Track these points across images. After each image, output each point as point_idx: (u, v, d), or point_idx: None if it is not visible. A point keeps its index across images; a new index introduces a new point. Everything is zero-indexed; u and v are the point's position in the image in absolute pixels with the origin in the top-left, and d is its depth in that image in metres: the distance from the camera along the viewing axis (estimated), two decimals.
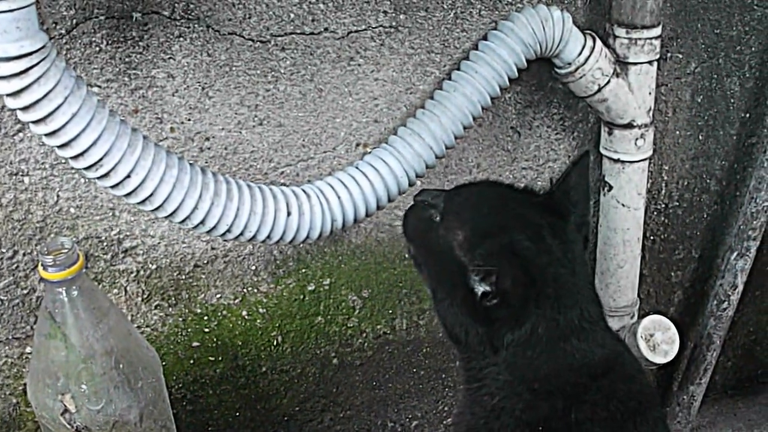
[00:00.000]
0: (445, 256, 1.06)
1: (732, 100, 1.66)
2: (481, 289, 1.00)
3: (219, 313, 1.47)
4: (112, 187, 1.05)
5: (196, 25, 1.25)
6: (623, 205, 1.55)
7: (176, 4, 1.23)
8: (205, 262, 1.42)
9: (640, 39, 1.40)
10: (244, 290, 1.47)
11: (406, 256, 1.19)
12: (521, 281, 0.96)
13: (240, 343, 1.51)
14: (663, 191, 1.70)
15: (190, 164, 1.13)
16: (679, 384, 1.89)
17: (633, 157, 1.50)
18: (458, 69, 1.36)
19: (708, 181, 1.73)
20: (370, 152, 1.39)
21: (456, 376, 1.73)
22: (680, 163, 1.68)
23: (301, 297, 1.52)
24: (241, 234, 1.17)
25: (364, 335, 1.60)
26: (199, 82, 1.28)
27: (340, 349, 1.60)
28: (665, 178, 1.69)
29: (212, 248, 1.41)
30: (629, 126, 1.47)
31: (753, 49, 1.62)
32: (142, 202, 1.08)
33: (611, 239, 1.59)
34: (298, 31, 1.31)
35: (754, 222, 1.67)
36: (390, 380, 1.67)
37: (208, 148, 1.33)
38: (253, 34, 1.29)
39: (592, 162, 1.60)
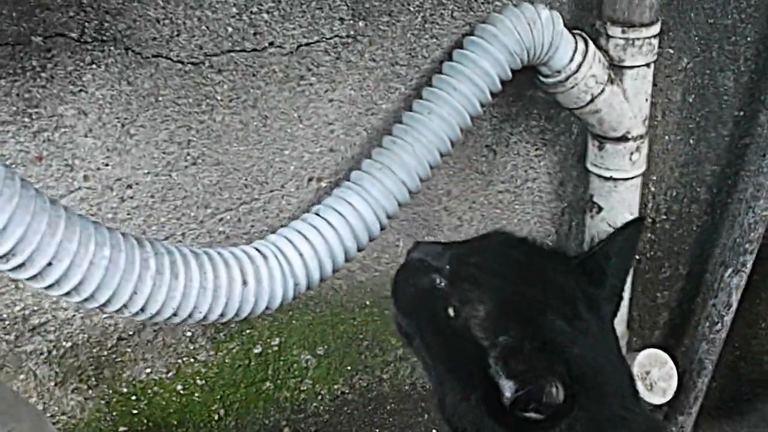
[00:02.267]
0: (457, 336, 0.94)
1: (725, 98, 1.59)
2: (509, 390, 0.88)
3: (149, 391, 1.32)
4: (30, 279, 0.89)
5: (112, 48, 1.09)
6: (614, 228, 1.46)
7: (86, 24, 1.06)
8: (131, 333, 1.26)
9: (638, 39, 1.31)
10: (179, 361, 1.32)
11: (395, 331, 1.05)
12: (563, 389, 0.85)
13: (175, 423, 1.36)
14: (650, 205, 1.63)
15: (123, 236, 0.97)
16: (666, 414, 1.84)
17: (627, 174, 1.42)
18: (432, 86, 1.24)
19: (698, 189, 1.67)
20: (325, 187, 1.26)
21: None
22: (669, 171, 1.61)
23: (246, 362, 1.38)
24: (190, 316, 1.02)
25: (320, 398, 1.48)
26: (117, 118, 1.13)
27: (292, 416, 1.47)
28: (653, 189, 1.61)
29: None
30: (623, 139, 1.38)
31: (748, 39, 1.55)
32: (68, 293, 0.92)
33: None
34: (238, 48, 1.16)
35: (752, 234, 1.62)
36: None
37: (131, 197, 1.18)
38: (183, 56, 1.13)
39: (575, 178, 1.52)
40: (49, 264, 0.88)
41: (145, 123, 1.14)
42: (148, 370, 1.31)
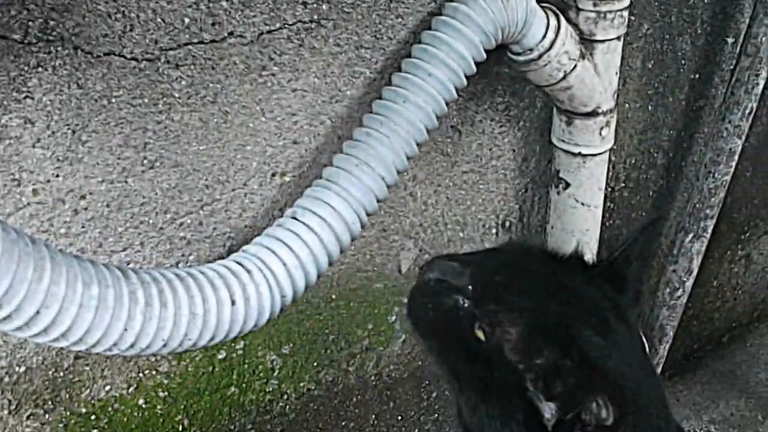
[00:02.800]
0: (489, 360, 0.90)
1: (683, 62, 1.58)
2: (549, 412, 0.86)
3: (109, 409, 1.25)
4: (15, 330, 0.81)
5: (59, 49, 1.00)
6: (583, 204, 1.44)
7: (30, 23, 0.97)
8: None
9: (610, 12, 1.27)
10: (140, 375, 1.25)
11: (421, 350, 1.01)
12: (608, 407, 0.82)
13: None
14: (610, 174, 1.61)
15: (107, 268, 0.90)
16: None
17: (596, 149, 1.39)
18: (403, 71, 1.18)
19: (655, 155, 1.66)
20: (289, 182, 1.20)
21: (391, 420, 1.59)
22: (629, 139, 1.60)
23: (210, 369, 1.32)
24: (180, 345, 0.95)
25: (285, 397, 1.43)
26: (68, 125, 1.04)
27: (257, 418, 1.42)
28: (613, 158, 1.60)
29: None
30: (593, 114, 1.36)
31: (705, 0, 1.54)
32: (55, 339, 0.84)
33: (567, 243, 1.48)
34: (196, 41, 1.08)
35: (712, 199, 1.62)
36: None
37: (85, 209, 1.09)
38: (137, 52, 1.05)
39: (538, 153, 1.49)
40: (37, 313, 0.80)
41: (97, 128, 1.06)
42: (108, 387, 1.23)
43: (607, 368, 0.86)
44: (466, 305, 0.94)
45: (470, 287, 0.94)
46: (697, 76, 1.62)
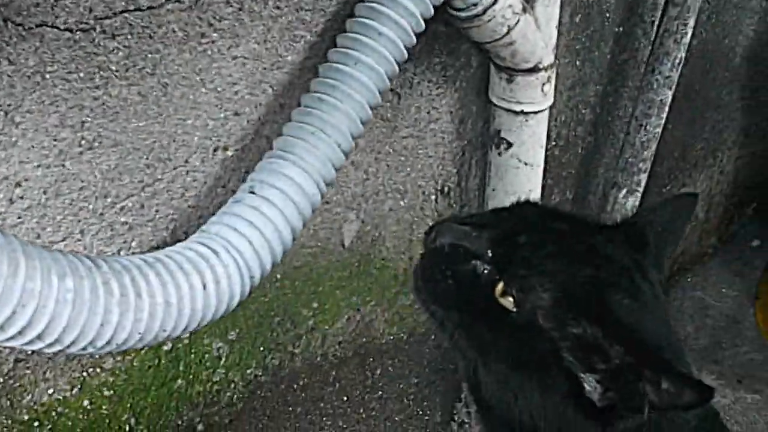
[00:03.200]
0: (521, 330, 0.87)
1: (608, 15, 1.59)
2: (591, 385, 0.84)
3: (53, 413, 1.18)
4: None
5: None
6: (526, 163, 1.43)
7: None
8: (30, 351, 1.11)
9: None
10: (84, 374, 1.18)
11: (432, 324, 0.96)
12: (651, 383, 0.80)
13: None
14: None
15: (75, 257, 0.83)
16: None
17: (538, 107, 1.38)
18: (350, 31, 1.13)
19: (583, 111, 1.67)
20: (232, 156, 1.14)
21: (337, 401, 1.56)
22: (558, 96, 1.59)
23: (156, 362, 1.25)
24: (155, 338, 0.89)
25: (232, 386, 1.38)
26: (0, 106, 0.96)
27: (205, 410, 1.36)
28: None
29: None
30: (534, 70, 1.34)
31: None
32: (30, 342, 0.77)
33: None
34: (132, 7, 1.01)
35: (645, 152, 1.64)
36: (264, 429, 1.47)
37: (21, 198, 1.02)
38: (71, 22, 0.97)
39: (475, 114, 1.47)
40: (13, 313, 0.73)
41: (31, 107, 0.98)
42: (51, 391, 1.16)
43: (639, 333, 0.84)
44: (486, 272, 0.89)
45: (489, 251, 0.90)
46: (621, 29, 1.63)
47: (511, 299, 0.87)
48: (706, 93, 1.94)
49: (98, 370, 1.19)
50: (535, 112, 1.38)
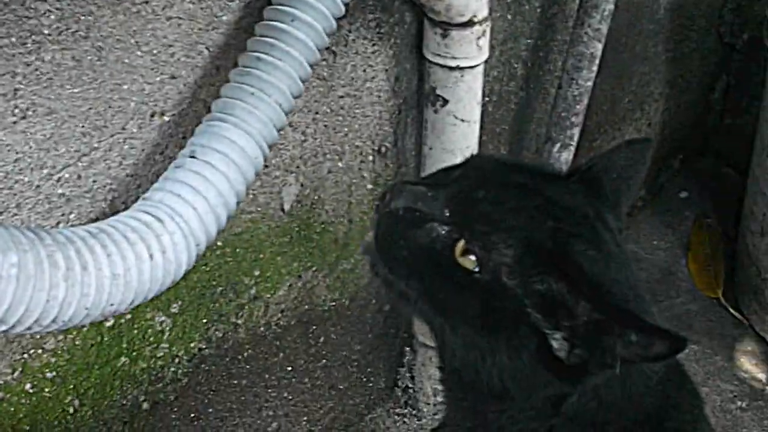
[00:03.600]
0: (484, 290, 0.86)
1: None
2: (560, 344, 0.84)
3: None
4: None
5: None
6: (462, 120, 1.45)
7: None
8: None
9: None
10: (24, 356, 1.16)
11: (386, 292, 0.95)
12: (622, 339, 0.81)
13: (28, 428, 1.20)
14: None
15: (17, 229, 0.81)
16: None
17: (474, 62, 1.40)
18: None
19: (515, 66, 1.69)
20: (168, 122, 1.13)
21: (281, 372, 1.56)
22: (490, 50, 1.60)
23: (99, 339, 1.24)
24: (102, 313, 0.88)
25: (177, 361, 1.37)
26: None
27: (149, 388, 1.35)
28: None
29: None
30: (469, 24, 1.36)
31: None
32: None
33: (448, 163, 1.49)
34: None
35: (577, 107, 1.67)
36: (210, 404, 1.46)
37: None
38: None
39: (409, 71, 1.47)
40: None
41: None
42: None
43: (605, 285, 0.85)
44: (443, 233, 0.88)
45: (446, 211, 0.89)
46: None
47: (473, 258, 0.86)
48: (633, 45, 1.98)
49: (39, 351, 1.17)
50: (471, 67, 1.39)
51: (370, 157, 1.50)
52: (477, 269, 0.86)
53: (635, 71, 2.04)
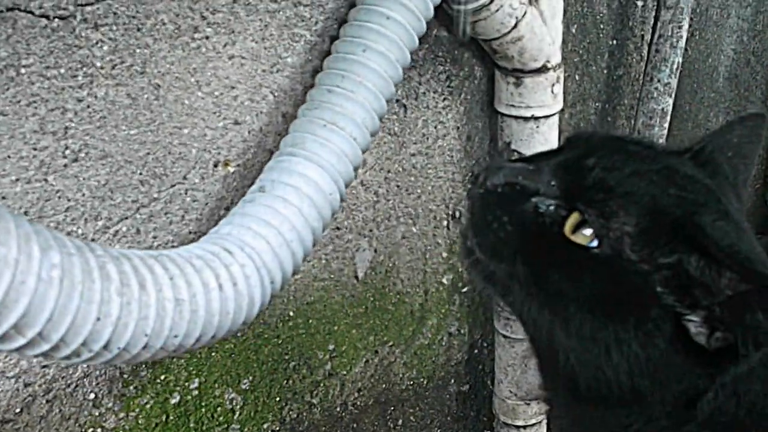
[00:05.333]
0: (603, 266, 0.68)
1: (601, 26, 1.44)
2: (697, 328, 0.64)
3: None
4: None
5: None
6: None
7: None
8: (18, 410, 0.89)
9: None
10: None
11: (478, 280, 0.75)
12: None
13: None
14: None
15: (62, 236, 0.63)
16: None
17: (549, 111, 1.22)
18: (355, 19, 0.97)
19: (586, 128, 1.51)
20: (233, 173, 0.96)
21: None
22: (560, 113, 1.44)
23: (164, 417, 1.04)
24: (164, 345, 0.69)
25: None
26: None
27: None
28: None
29: (25, 385, 0.89)
30: (543, 70, 1.19)
31: None
32: (4, 336, 0.56)
33: None
34: None
35: None
36: None
37: None
38: (48, 6, 0.80)
39: (481, 130, 1.30)
40: None
41: (5, 108, 0.79)
42: None
43: (741, 258, 0.65)
44: (551, 207, 0.71)
45: (553, 184, 0.71)
46: (615, 42, 1.48)
47: (587, 233, 0.68)
48: (696, 114, 1.80)
49: (99, 429, 0.98)
50: (546, 117, 1.22)
51: (444, 222, 1.31)
52: (594, 244, 0.67)
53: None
